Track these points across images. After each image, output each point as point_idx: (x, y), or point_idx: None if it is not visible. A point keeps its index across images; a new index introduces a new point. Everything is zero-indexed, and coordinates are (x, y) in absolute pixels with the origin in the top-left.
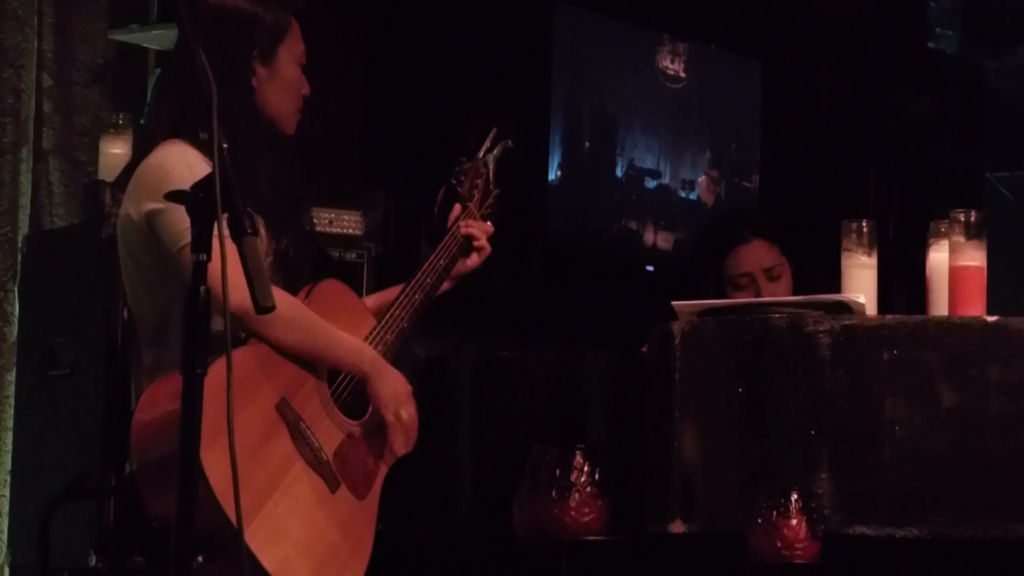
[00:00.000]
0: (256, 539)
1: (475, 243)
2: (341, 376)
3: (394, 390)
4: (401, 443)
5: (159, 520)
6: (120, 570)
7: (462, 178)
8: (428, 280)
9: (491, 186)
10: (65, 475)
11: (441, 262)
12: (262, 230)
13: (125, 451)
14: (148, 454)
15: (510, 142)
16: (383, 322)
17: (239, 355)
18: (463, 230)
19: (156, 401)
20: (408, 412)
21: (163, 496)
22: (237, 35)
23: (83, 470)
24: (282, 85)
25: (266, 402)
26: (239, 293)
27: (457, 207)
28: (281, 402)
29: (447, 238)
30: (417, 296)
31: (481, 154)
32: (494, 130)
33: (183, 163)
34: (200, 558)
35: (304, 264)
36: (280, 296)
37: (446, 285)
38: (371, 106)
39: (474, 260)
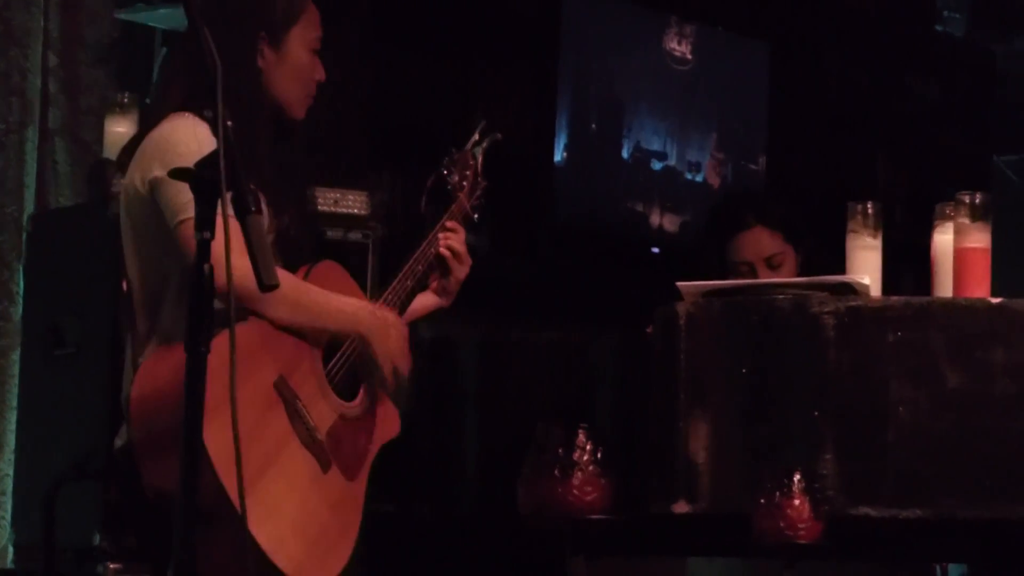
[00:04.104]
0: (252, 514)
1: (458, 259)
2: (335, 357)
3: (390, 347)
4: (390, 377)
5: (154, 491)
6: (123, 549)
7: (452, 169)
8: (408, 283)
9: (479, 178)
10: (70, 454)
11: (419, 267)
12: (265, 208)
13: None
14: (147, 425)
15: (499, 135)
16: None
17: (240, 330)
18: (442, 243)
19: (156, 373)
20: (402, 367)
21: (161, 467)
22: (245, 16)
23: (88, 449)
24: (291, 70)
25: (265, 379)
26: (238, 272)
27: (452, 207)
28: (279, 380)
29: (424, 244)
30: (409, 282)
31: (469, 146)
32: (482, 123)
33: (191, 136)
34: None
35: (304, 244)
36: (278, 274)
37: (443, 302)
38: (378, 87)
39: (462, 272)
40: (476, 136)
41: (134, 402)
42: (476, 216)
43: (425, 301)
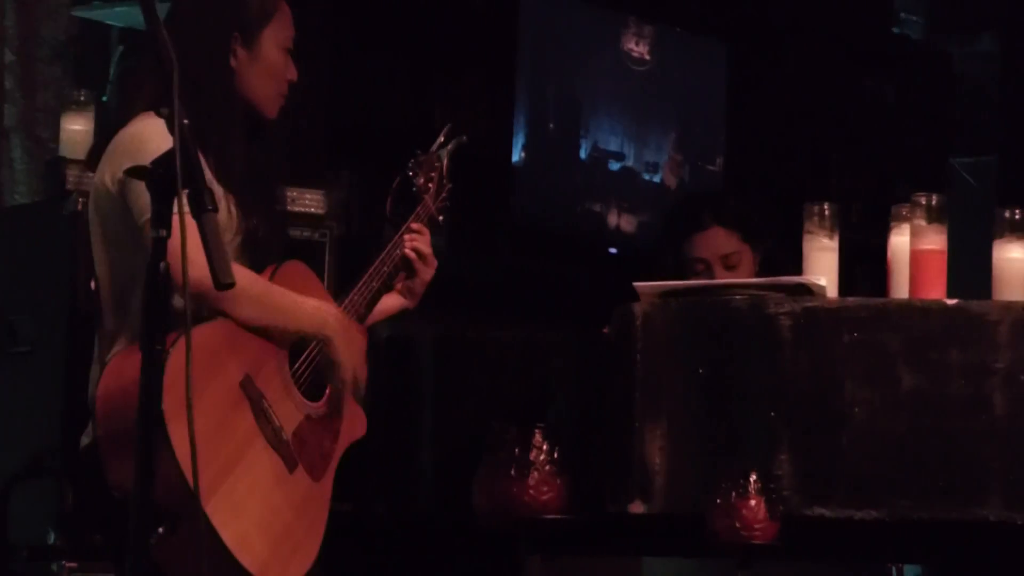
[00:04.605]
0: (217, 514)
1: (424, 261)
2: (302, 358)
3: (352, 353)
4: (350, 383)
5: (119, 489)
6: (79, 547)
7: (418, 171)
8: (374, 284)
9: (445, 181)
10: (24, 453)
11: (385, 268)
12: (233, 209)
13: (84, 425)
14: (113, 423)
15: (464, 137)
16: (341, 308)
17: (207, 330)
18: (408, 245)
19: (122, 372)
20: (361, 375)
21: (126, 465)
22: (218, 15)
23: (42, 448)
24: (263, 69)
25: (231, 378)
26: (199, 270)
27: (418, 208)
28: (245, 379)
29: (390, 246)
30: (374, 283)
31: (435, 148)
32: (448, 125)
33: (161, 135)
34: (160, 530)
35: (273, 245)
36: (240, 272)
37: (408, 303)
38: (336, 86)
39: (428, 274)
40: (442, 138)
41: (100, 400)
42: (441, 218)
43: (390, 302)
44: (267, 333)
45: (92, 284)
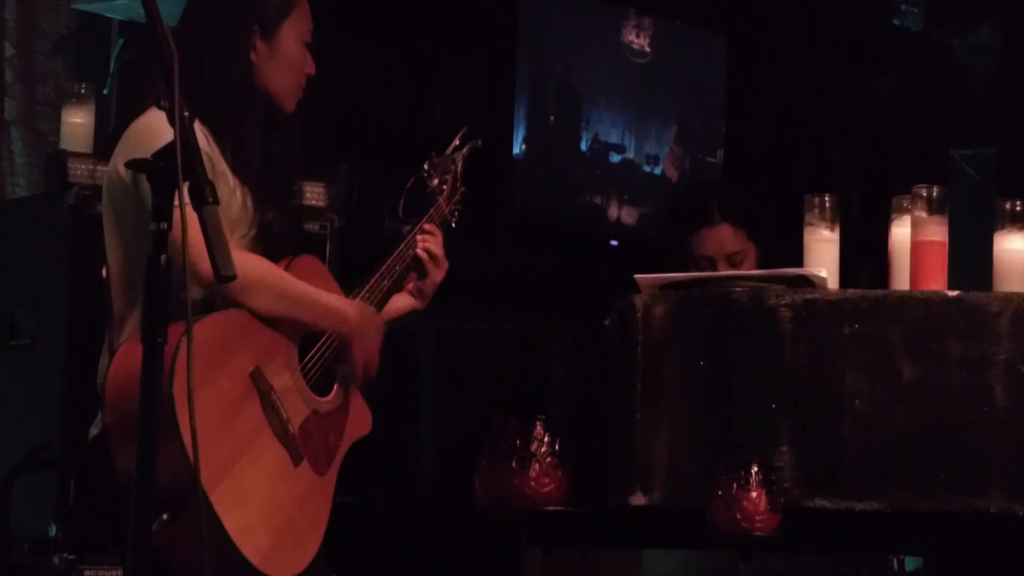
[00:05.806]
0: (222, 502)
1: (435, 262)
2: (312, 352)
3: (367, 349)
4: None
5: (126, 475)
6: (80, 540)
7: (432, 172)
8: (385, 283)
9: (459, 183)
10: (25, 445)
11: (397, 267)
12: (249, 203)
13: (87, 419)
14: (122, 408)
15: (479, 142)
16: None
17: (219, 319)
18: (420, 246)
19: (132, 357)
20: (372, 368)
21: (133, 451)
22: (238, 8)
23: (43, 440)
24: (283, 62)
25: (241, 368)
26: (209, 262)
27: (431, 210)
28: (255, 370)
29: (403, 245)
30: (386, 282)
31: (450, 151)
32: (464, 129)
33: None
34: (164, 516)
35: (287, 239)
36: (258, 262)
37: (418, 304)
38: (336, 78)
39: (439, 275)
40: (457, 142)
41: (110, 384)
42: (455, 222)
43: (400, 303)
44: (280, 324)
45: (104, 272)
